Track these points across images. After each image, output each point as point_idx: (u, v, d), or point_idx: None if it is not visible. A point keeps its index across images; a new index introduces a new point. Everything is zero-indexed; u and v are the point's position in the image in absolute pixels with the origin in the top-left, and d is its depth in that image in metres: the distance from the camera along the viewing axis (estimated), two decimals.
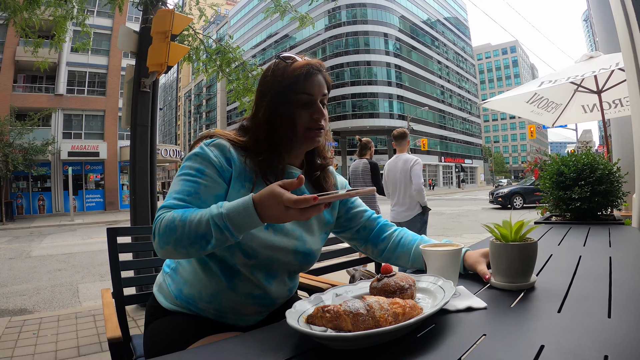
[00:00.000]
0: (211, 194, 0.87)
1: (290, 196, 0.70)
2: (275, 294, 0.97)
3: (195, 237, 0.76)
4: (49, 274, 5.47)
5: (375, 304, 0.58)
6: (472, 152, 59.03)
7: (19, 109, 16.64)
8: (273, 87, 0.93)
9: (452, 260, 0.83)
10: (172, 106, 76.87)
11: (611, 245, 1.29)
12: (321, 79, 0.95)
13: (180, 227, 0.76)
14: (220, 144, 0.91)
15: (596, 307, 0.67)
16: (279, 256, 0.92)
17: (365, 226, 1.10)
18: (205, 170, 0.87)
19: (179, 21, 3.59)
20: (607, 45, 3.53)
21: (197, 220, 0.76)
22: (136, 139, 3.81)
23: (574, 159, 2.03)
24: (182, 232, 0.76)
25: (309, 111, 0.93)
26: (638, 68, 1.65)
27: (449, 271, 0.82)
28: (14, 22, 4.49)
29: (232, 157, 0.91)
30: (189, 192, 0.85)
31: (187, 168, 0.88)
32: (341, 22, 43.06)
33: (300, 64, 0.93)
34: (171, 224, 0.77)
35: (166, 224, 0.78)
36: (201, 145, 0.91)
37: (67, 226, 13.49)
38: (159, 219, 0.81)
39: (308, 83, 0.93)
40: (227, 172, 0.90)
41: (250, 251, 0.88)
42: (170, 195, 0.86)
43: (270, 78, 0.95)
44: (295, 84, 0.92)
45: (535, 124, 23.61)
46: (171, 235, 0.77)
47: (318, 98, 0.94)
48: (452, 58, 56.90)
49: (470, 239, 5.19)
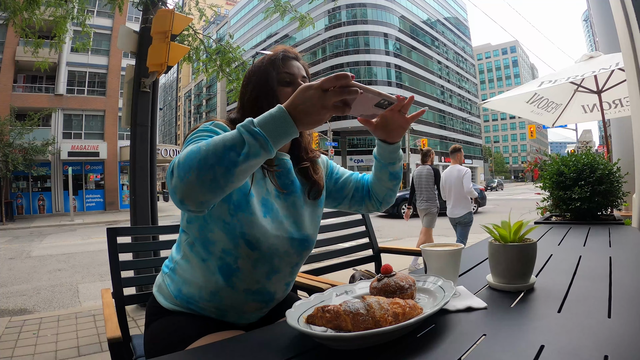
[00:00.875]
0: None
1: (320, 80, 0.68)
2: (274, 289, 0.97)
3: (223, 150, 0.67)
4: (49, 274, 5.47)
5: (375, 304, 0.58)
6: (472, 152, 59.00)
7: (18, 109, 16.64)
8: (257, 72, 0.98)
9: (452, 260, 0.83)
10: (172, 106, 76.89)
11: (611, 245, 1.29)
12: (299, 64, 1.00)
13: (204, 146, 0.68)
14: (220, 124, 0.91)
15: (596, 307, 0.67)
16: (278, 245, 0.92)
17: (357, 188, 1.12)
18: (217, 132, 0.84)
19: (179, 21, 3.59)
20: (607, 45, 3.53)
21: (222, 136, 0.69)
22: (136, 139, 3.81)
23: (574, 159, 2.03)
24: (206, 150, 0.67)
25: (291, 88, 0.96)
26: (638, 68, 1.65)
27: (449, 271, 0.82)
28: (13, 22, 4.49)
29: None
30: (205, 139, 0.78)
31: (195, 138, 0.81)
32: (341, 22, 43.05)
33: (277, 48, 1.00)
34: (194, 149, 0.69)
35: (187, 153, 0.69)
36: (202, 125, 0.89)
37: (67, 226, 13.49)
38: (172, 163, 0.73)
39: (287, 64, 0.97)
40: None
41: (254, 241, 0.88)
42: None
43: (253, 68, 1.01)
44: (274, 63, 0.96)
45: (535, 124, 23.60)
46: (194, 159, 0.67)
47: (298, 78, 0.97)
48: (452, 58, 56.88)
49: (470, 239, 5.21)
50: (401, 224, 10.56)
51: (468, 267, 1.06)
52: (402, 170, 1.07)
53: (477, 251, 1.27)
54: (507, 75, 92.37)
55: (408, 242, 7.44)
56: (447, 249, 0.83)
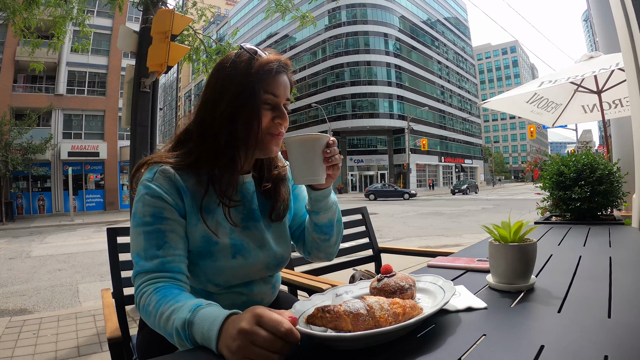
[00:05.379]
0: (178, 237, 0.79)
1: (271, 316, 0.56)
2: (260, 296, 0.94)
3: (165, 332, 0.69)
4: (49, 274, 5.47)
5: (375, 304, 0.58)
6: (472, 152, 59.02)
7: (17, 109, 16.63)
8: (236, 80, 0.82)
9: (311, 149, 0.79)
10: (172, 106, 76.85)
11: (611, 245, 1.29)
12: (286, 80, 0.87)
13: (153, 316, 0.71)
14: (165, 171, 0.80)
15: (596, 307, 0.67)
16: (250, 272, 0.89)
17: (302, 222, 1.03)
18: (162, 214, 0.78)
19: (179, 21, 3.59)
20: (607, 45, 3.53)
21: (166, 316, 0.68)
22: (136, 139, 3.81)
23: (574, 159, 2.03)
24: (154, 324, 0.71)
25: (272, 113, 0.85)
26: (638, 68, 1.65)
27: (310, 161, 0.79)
28: (13, 22, 4.49)
29: (181, 185, 0.81)
30: (158, 245, 0.76)
31: (142, 214, 0.78)
32: (341, 22, 43.05)
33: (268, 59, 0.84)
34: (146, 308, 0.72)
35: (143, 305, 0.73)
36: (145, 182, 0.80)
37: (67, 226, 13.48)
38: (138, 293, 0.74)
39: (275, 82, 0.84)
40: (181, 207, 0.81)
41: (223, 282, 0.86)
42: (137, 254, 0.77)
43: (231, 70, 0.83)
44: (263, 80, 0.82)
45: (535, 124, 23.62)
46: (148, 320, 0.72)
47: (282, 101, 0.86)
48: (452, 58, 56.88)
49: (470, 239, 5.21)
50: (401, 224, 10.56)
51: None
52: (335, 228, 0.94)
53: (477, 251, 1.27)
54: (507, 75, 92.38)
55: (408, 242, 7.44)
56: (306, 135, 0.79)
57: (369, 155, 42.68)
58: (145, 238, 0.76)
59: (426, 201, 23.21)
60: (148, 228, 0.77)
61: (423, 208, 16.98)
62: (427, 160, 45.39)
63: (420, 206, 18.42)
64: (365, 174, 42.27)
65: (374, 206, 19.15)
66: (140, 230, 0.77)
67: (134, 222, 0.79)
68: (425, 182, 45.46)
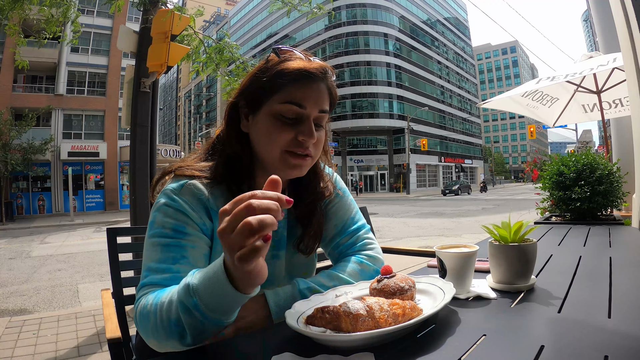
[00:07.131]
0: (200, 254, 0.69)
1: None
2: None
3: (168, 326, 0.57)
4: (49, 274, 5.47)
5: (375, 305, 0.58)
6: (472, 152, 59.03)
7: (17, 109, 16.63)
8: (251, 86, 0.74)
9: (468, 262, 0.80)
10: (172, 106, 76.90)
11: (611, 246, 1.29)
12: (322, 89, 0.72)
13: (153, 313, 0.59)
14: (194, 187, 0.70)
15: (596, 307, 0.67)
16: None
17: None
18: (185, 229, 0.68)
19: (178, 21, 3.59)
20: (607, 45, 3.53)
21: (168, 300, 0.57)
22: (136, 139, 3.81)
23: (574, 159, 2.03)
24: (154, 321, 0.59)
25: (294, 129, 0.71)
26: (638, 68, 1.65)
27: (465, 273, 0.80)
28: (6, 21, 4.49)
29: (211, 207, 0.71)
30: (175, 259, 0.66)
31: (160, 225, 0.68)
32: (341, 22, 43.04)
33: (296, 64, 0.71)
34: (144, 309, 0.61)
35: (141, 310, 0.61)
36: (170, 193, 0.70)
37: (67, 226, 13.48)
38: (137, 303, 0.64)
39: (302, 90, 0.70)
40: (209, 227, 0.71)
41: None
42: (147, 267, 0.67)
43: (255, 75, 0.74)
44: (283, 87, 0.70)
45: (535, 124, 23.60)
46: (146, 325, 0.60)
47: (312, 114, 0.71)
48: (452, 58, 56.88)
49: (470, 239, 5.21)
50: (401, 224, 10.56)
51: None
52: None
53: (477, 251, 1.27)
54: (507, 75, 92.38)
55: (408, 242, 7.44)
56: (463, 251, 0.80)
57: (369, 155, 42.68)
58: (159, 250, 0.67)
59: (426, 201, 23.22)
60: (165, 240, 0.68)
61: (423, 208, 16.98)
62: (427, 160, 45.39)
63: (420, 206, 18.42)
64: (365, 174, 42.29)
65: (374, 206, 19.16)
66: (156, 241, 0.68)
67: (150, 232, 0.70)
68: (426, 182, 45.49)
